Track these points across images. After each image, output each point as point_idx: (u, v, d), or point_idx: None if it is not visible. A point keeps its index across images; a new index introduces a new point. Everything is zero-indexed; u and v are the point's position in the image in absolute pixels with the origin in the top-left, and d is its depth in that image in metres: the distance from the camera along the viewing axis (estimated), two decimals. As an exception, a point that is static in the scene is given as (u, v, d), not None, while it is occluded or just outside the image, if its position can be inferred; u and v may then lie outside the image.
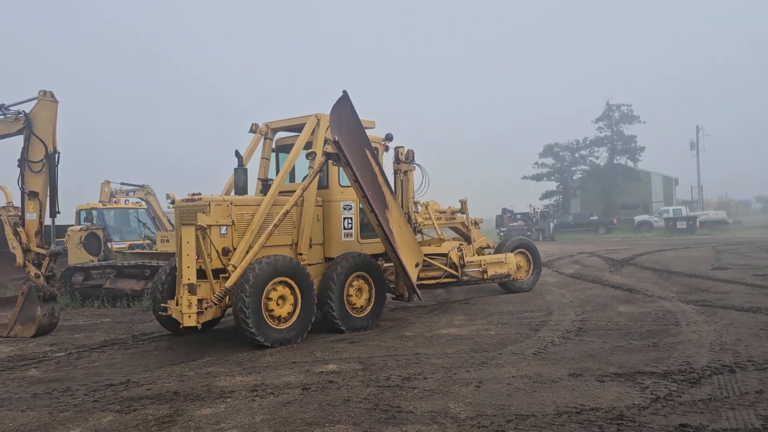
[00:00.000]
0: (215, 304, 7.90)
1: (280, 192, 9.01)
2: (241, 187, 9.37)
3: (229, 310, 8.45)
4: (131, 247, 16.53)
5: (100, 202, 20.00)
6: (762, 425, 4.59)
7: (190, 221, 7.97)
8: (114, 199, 20.95)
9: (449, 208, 13.35)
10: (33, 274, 9.65)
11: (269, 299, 8.14)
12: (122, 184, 22.34)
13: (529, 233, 37.34)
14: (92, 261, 14.52)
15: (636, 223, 44.69)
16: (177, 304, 8.04)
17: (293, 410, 5.31)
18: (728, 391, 5.44)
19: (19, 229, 9.68)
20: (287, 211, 8.50)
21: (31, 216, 9.76)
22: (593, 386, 5.75)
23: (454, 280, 11.62)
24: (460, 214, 13.39)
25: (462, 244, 12.29)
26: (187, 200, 8.66)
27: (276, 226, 8.36)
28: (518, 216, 42.22)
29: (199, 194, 8.63)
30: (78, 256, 14.82)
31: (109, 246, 15.73)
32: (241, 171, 9.47)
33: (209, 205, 8.33)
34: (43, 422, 5.24)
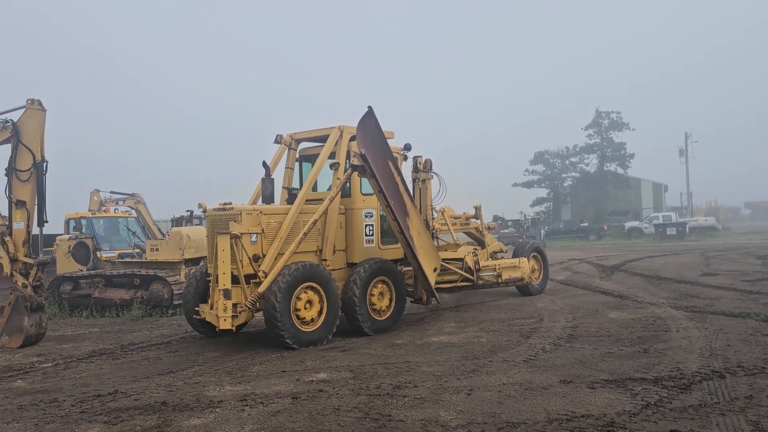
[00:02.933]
0: (248, 309, 8.34)
1: (305, 201, 9.41)
2: (268, 196, 9.77)
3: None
4: (121, 256, 16.41)
5: (89, 210, 19.87)
6: (752, 431, 4.59)
7: (222, 229, 8.38)
8: (103, 208, 20.82)
9: (464, 213, 13.69)
10: (20, 284, 9.56)
11: (298, 301, 8.54)
12: (112, 192, 22.21)
13: (519, 240, 37.37)
14: (81, 270, 14.40)
15: (626, 229, 44.87)
16: (211, 308, 8.59)
17: (283, 420, 5.27)
18: (718, 397, 5.45)
19: (7, 238, 9.59)
20: (315, 221, 8.92)
21: (19, 225, 9.68)
22: (584, 393, 5.74)
23: (470, 283, 11.96)
24: (474, 220, 13.65)
25: (476, 249, 12.60)
26: (219, 209, 9.04)
27: (306, 234, 8.80)
28: (509, 223, 42.30)
29: (230, 203, 9.02)
30: (66, 266, 14.69)
31: (98, 255, 15.62)
32: (268, 181, 9.86)
33: (240, 214, 8.71)
34: (28, 434, 5.18)
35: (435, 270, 10.23)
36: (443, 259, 11.05)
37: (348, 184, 9.90)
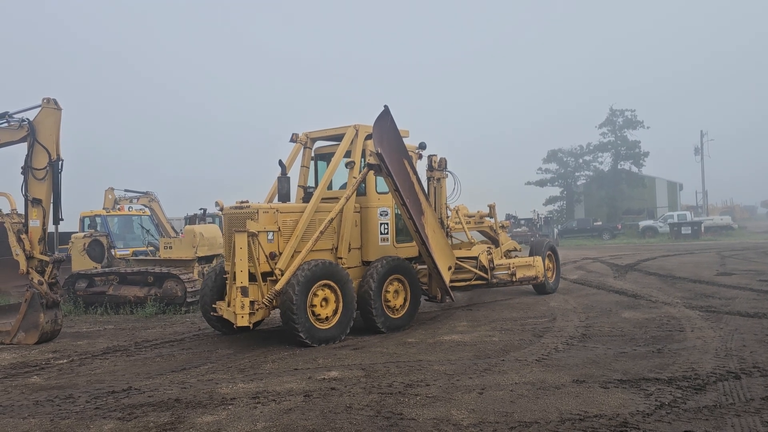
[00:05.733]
0: (265, 306, 8.40)
1: (321, 199, 9.46)
2: (284, 195, 9.85)
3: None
4: (135, 253, 16.54)
5: (103, 209, 20.06)
6: (768, 432, 4.54)
7: (239, 227, 8.44)
8: (118, 206, 21.01)
9: (478, 212, 13.73)
10: (36, 281, 9.66)
11: (315, 297, 8.61)
12: (126, 191, 22.43)
13: (533, 239, 37.23)
14: (96, 268, 14.54)
15: (640, 228, 44.49)
16: (229, 306, 8.65)
17: (295, 417, 5.29)
18: (733, 398, 5.40)
19: (23, 236, 9.69)
20: (332, 219, 8.94)
21: (35, 223, 9.78)
22: (597, 393, 5.71)
23: (484, 282, 11.98)
24: (488, 218, 13.67)
25: (491, 248, 12.59)
26: (236, 207, 9.10)
27: (322, 232, 8.83)
28: (522, 222, 42.13)
29: (247, 202, 9.10)
30: (81, 263, 14.85)
31: (113, 253, 15.76)
32: (284, 179, 9.94)
33: (257, 212, 8.78)
34: (44, 429, 5.23)
35: (450, 268, 10.25)
36: (457, 258, 11.06)
37: (363, 183, 9.92)
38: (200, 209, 21.63)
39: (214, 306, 9.30)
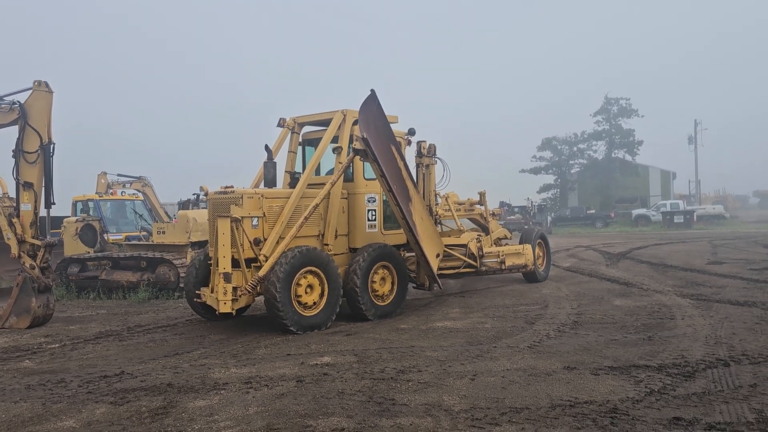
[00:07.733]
0: (249, 292, 8.35)
1: (308, 185, 9.37)
2: (270, 180, 9.74)
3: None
4: (127, 238, 16.47)
5: (96, 193, 19.93)
6: (755, 419, 4.59)
7: (223, 213, 8.39)
8: (110, 191, 20.87)
9: (468, 199, 13.69)
10: (28, 266, 9.62)
11: (298, 287, 8.54)
12: (119, 175, 22.26)
13: (525, 227, 37.30)
14: (88, 252, 14.48)
15: (633, 217, 44.66)
16: (212, 292, 8.63)
17: (287, 402, 5.31)
18: (722, 385, 5.45)
19: (14, 220, 9.63)
20: (317, 205, 8.86)
21: (26, 207, 9.72)
22: (588, 379, 5.75)
23: (473, 270, 11.96)
24: (478, 206, 13.63)
25: (480, 235, 12.57)
26: (220, 192, 9.02)
27: (307, 218, 8.75)
28: (516, 209, 42.21)
29: (232, 187, 9.01)
30: (74, 248, 14.77)
31: (105, 237, 15.68)
32: (270, 164, 9.83)
33: (242, 197, 8.70)
34: (36, 413, 5.23)
35: (438, 256, 10.21)
36: (446, 245, 11.05)
37: (351, 169, 9.85)
38: (193, 194, 21.50)
39: (198, 292, 9.23)
